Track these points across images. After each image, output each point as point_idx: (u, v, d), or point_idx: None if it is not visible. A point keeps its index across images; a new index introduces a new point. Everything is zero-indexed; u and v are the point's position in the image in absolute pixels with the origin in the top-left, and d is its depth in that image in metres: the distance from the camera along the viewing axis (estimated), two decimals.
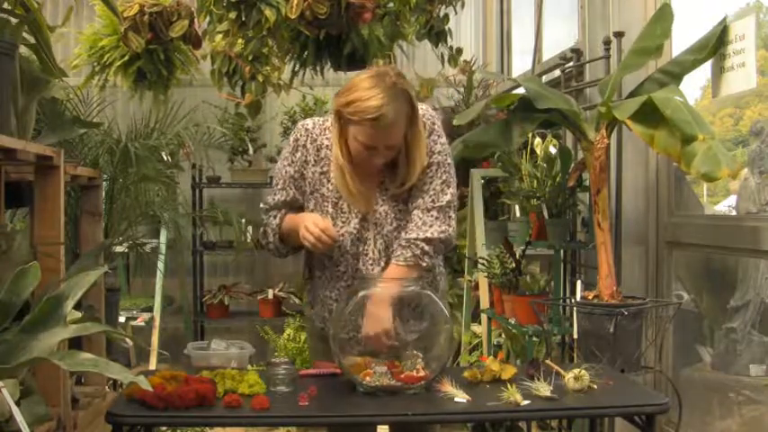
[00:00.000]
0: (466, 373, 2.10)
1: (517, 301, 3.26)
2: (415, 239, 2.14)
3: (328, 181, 2.21)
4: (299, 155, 2.24)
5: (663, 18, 2.77)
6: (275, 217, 2.26)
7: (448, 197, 2.19)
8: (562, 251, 3.37)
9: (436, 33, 3.73)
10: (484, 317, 3.92)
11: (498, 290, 3.46)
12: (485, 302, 3.90)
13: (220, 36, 3.29)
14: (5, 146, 1.81)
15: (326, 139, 2.23)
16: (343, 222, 2.19)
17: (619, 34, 3.18)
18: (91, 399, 2.47)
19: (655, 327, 2.89)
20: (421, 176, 2.18)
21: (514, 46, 5.17)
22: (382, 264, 2.20)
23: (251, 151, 5.09)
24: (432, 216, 2.17)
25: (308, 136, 2.24)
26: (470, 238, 4.18)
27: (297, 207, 2.26)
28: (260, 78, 3.39)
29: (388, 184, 2.21)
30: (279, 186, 2.26)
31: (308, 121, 2.28)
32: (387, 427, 2.46)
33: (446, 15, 3.77)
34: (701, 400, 3.20)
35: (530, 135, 3.17)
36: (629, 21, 3.22)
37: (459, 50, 4.03)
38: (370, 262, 2.21)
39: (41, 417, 1.79)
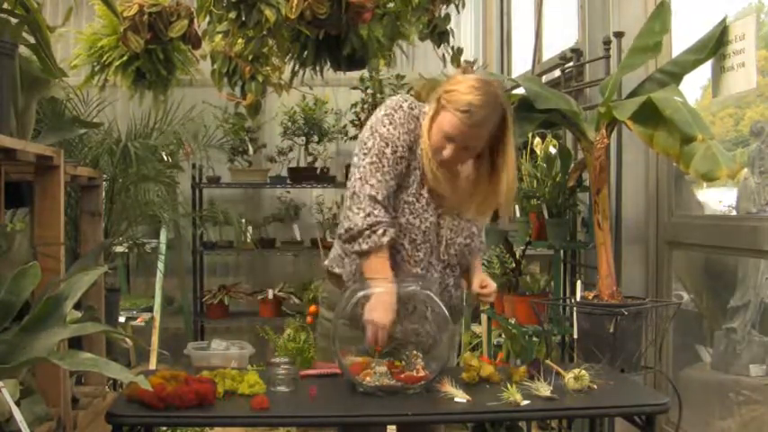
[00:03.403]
0: (464, 375, 2.10)
1: (517, 301, 3.27)
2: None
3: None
4: (413, 126, 2.19)
5: (661, 15, 2.77)
6: (384, 231, 2.09)
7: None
8: (562, 251, 3.37)
9: (439, 34, 3.72)
10: (484, 317, 3.93)
11: (498, 290, 3.46)
12: None
13: (220, 36, 3.28)
14: (5, 146, 1.81)
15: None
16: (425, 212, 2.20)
17: (619, 34, 3.18)
18: (91, 399, 2.47)
19: (655, 327, 2.89)
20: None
21: (514, 46, 5.17)
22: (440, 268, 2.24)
23: (251, 151, 5.09)
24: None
25: (419, 109, 2.22)
26: None
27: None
28: (260, 78, 3.38)
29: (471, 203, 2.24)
30: (389, 162, 2.13)
31: (409, 97, 2.26)
32: (395, 426, 2.47)
33: (447, 15, 3.76)
34: (700, 400, 3.20)
35: (530, 135, 3.18)
36: (629, 21, 3.22)
37: (460, 50, 4.02)
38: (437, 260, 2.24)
39: (41, 417, 1.79)
